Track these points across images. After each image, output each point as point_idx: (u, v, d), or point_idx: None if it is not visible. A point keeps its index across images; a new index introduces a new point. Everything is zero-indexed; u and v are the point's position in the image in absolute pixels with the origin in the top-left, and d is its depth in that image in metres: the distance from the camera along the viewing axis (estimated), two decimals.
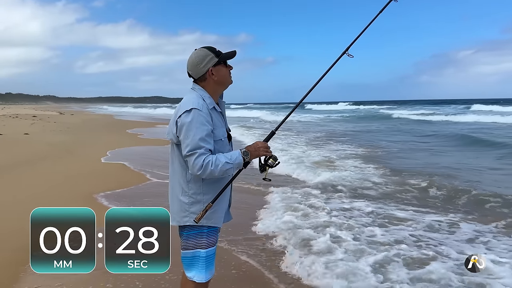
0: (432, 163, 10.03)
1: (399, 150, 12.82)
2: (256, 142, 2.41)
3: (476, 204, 6.26)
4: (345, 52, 2.74)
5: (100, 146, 12.92)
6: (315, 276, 3.81)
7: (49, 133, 17.83)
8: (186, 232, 2.37)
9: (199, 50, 2.35)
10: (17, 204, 5.80)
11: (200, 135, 2.20)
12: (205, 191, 2.32)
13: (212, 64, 2.32)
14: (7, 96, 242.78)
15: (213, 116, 2.32)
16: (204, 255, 2.36)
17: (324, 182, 7.68)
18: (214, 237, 2.40)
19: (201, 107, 2.26)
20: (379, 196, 6.82)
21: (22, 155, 10.59)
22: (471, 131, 18.88)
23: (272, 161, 2.41)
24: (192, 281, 2.38)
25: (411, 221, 5.34)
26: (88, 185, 7.18)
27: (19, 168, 8.59)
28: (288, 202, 6.20)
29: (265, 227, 5.15)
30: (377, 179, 7.94)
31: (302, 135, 18.04)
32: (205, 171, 2.19)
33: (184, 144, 2.23)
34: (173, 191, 2.41)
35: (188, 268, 2.39)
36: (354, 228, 5.07)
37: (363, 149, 12.89)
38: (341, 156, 11.14)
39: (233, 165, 2.25)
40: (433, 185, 7.26)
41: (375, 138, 16.79)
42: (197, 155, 2.19)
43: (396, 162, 10.28)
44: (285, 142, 14.82)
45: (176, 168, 2.38)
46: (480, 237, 4.82)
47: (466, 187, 7.11)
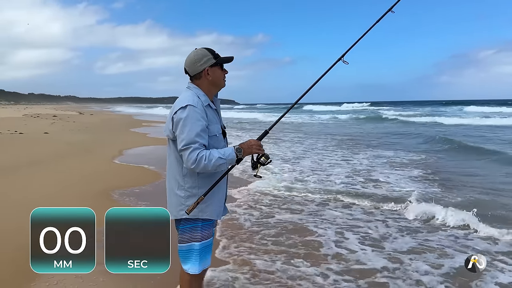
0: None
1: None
2: (249, 140, 2.49)
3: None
4: (340, 59, 2.83)
5: (117, 145, 13.08)
6: None
7: (68, 132, 18.19)
8: (181, 225, 2.46)
9: (199, 49, 2.45)
10: (31, 202, 5.89)
11: (195, 130, 2.28)
12: (200, 185, 2.39)
13: (209, 64, 2.43)
14: (29, 96, 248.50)
15: (208, 113, 2.40)
16: (198, 248, 2.44)
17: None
18: (208, 230, 2.48)
19: (196, 103, 2.35)
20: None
21: (40, 153, 10.78)
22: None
23: (264, 159, 2.49)
24: (187, 273, 2.47)
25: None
26: (104, 183, 7.27)
27: (36, 166, 8.74)
28: None
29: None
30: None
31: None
32: (199, 165, 2.26)
33: (179, 138, 2.31)
34: (169, 185, 2.50)
35: (184, 260, 2.48)
36: None
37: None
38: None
39: (226, 160, 2.32)
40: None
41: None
42: (192, 149, 2.26)
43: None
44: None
45: (172, 163, 2.46)
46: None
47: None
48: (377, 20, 2.96)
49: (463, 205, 6.03)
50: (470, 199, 6.48)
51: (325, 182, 7.98)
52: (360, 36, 2.91)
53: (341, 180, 8.20)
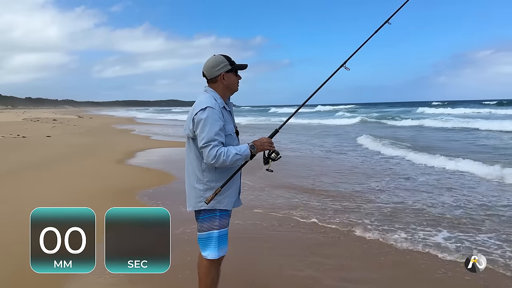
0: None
1: None
2: (261, 138, 2.71)
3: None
4: (342, 65, 3.14)
5: (120, 147, 13.13)
6: None
7: (70, 135, 18.26)
8: (201, 216, 2.66)
9: (217, 56, 2.70)
10: (37, 203, 5.89)
11: (214, 130, 2.51)
12: (217, 179, 2.62)
13: (225, 70, 2.66)
14: (27, 100, 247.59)
15: (224, 114, 2.64)
16: (216, 236, 2.65)
17: None
18: (226, 220, 2.69)
19: (214, 105, 2.58)
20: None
21: (45, 156, 10.86)
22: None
23: (275, 155, 2.70)
24: (206, 259, 2.66)
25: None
26: (105, 184, 7.27)
27: (41, 169, 8.78)
28: None
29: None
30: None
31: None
32: (218, 160, 2.49)
33: (200, 137, 2.53)
34: (189, 180, 2.71)
35: (203, 248, 2.67)
36: None
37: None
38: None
39: (241, 156, 2.55)
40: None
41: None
42: (211, 146, 2.49)
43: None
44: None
45: (191, 160, 2.68)
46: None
47: None
48: (374, 32, 3.27)
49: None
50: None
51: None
52: (359, 47, 3.22)
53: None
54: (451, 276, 3.74)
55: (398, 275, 3.78)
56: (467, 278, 3.64)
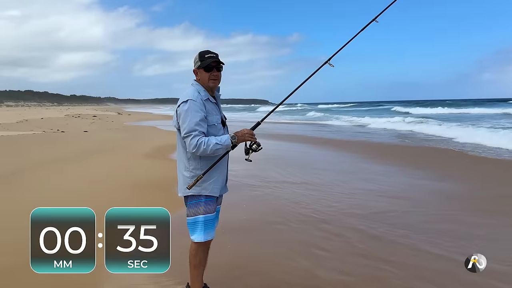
0: None
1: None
2: (243, 129, 2.82)
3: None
4: (326, 62, 3.26)
5: (150, 142, 13.32)
6: None
7: (106, 131, 18.82)
8: (188, 201, 2.82)
9: (198, 52, 2.86)
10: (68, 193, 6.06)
11: (195, 120, 2.66)
12: (202, 167, 2.77)
13: (196, 66, 2.85)
14: (71, 98, 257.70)
15: (207, 106, 2.78)
16: (202, 220, 2.79)
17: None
18: (211, 206, 2.83)
19: (195, 98, 2.73)
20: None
21: (79, 149, 11.22)
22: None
23: (256, 146, 2.82)
24: (194, 242, 2.81)
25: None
26: (132, 178, 7.37)
27: (71, 162, 9.03)
28: None
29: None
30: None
31: None
32: (199, 149, 2.63)
33: (182, 128, 2.70)
34: (179, 168, 2.88)
35: (191, 231, 2.82)
36: None
37: None
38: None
39: (222, 146, 2.68)
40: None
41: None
42: (192, 136, 2.64)
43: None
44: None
45: (180, 149, 2.85)
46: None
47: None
48: (361, 29, 3.38)
49: None
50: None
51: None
52: (345, 44, 3.31)
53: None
54: (451, 276, 3.54)
55: (398, 272, 3.63)
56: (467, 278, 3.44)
